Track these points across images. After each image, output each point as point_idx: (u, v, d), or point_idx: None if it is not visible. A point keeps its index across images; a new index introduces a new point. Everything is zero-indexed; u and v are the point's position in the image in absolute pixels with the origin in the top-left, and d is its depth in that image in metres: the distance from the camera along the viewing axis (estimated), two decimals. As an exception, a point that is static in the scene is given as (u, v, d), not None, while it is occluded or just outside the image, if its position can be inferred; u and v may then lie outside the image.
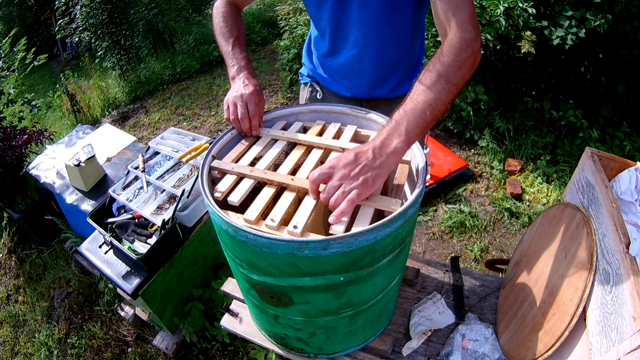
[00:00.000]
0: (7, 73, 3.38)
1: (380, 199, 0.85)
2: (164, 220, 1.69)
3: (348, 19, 1.16)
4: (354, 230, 0.78)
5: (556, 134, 3.05)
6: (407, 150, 0.83)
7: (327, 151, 1.04)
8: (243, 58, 1.10)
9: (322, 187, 0.84)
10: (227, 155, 1.03)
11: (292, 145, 1.08)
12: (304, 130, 1.13)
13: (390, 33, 1.17)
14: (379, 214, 1.22)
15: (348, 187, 0.79)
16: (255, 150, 1.05)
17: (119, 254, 1.77)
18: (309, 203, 0.85)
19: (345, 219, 0.80)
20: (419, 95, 0.84)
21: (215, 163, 1.00)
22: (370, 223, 0.80)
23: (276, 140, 1.08)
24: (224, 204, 1.14)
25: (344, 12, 1.15)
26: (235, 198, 0.90)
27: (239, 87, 1.05)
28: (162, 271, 1.76)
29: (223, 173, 0.98)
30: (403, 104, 0.85)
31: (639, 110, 2.98)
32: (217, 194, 0.92)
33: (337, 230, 0.78)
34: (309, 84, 1.45)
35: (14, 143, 2.61)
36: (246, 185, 0.94)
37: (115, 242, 1.68)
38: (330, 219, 0.78)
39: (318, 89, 1.43)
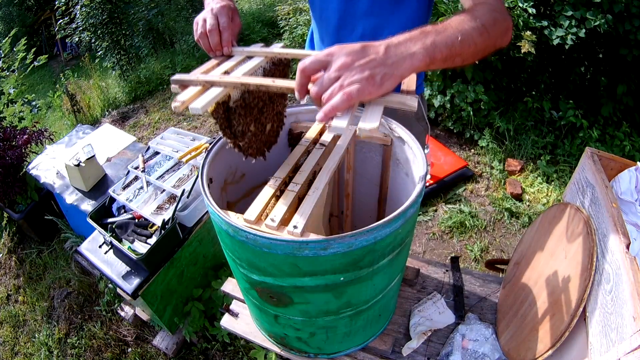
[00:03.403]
0: (7, 73, 3.38)
1: (391, 95, 0.68)
2: (164, 220, 1.69)
3: (357, 8, 1.12)
4: (361, 130, 0.65)
5: (556, 134, 3.05)
6: (426, 66, 0.67)
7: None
8: None
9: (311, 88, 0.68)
10: (192, 72, 0.85)
11: (271, 64, 0.91)
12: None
13: (400, 26, 1.14)
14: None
15: (348, 79, 0.62)
16: (227, 65, 0.88)
17: (119, 254, 1.77)
18: (309, 203, 0.84)
19: (342, 117, 0.63)
20: (452, 22, 0.73)
21: (177, 76, 0.82)
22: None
23: (252, 57, 0.93)
24: (224, 204, 1.14)
25: (353, 2, 1.12)
26: (198, 105, 0.73)
27: (210, 5, 0.92)
28: (162, 271, 1.76)
29: (185, 86, 0.80)
30: (433, 24, 0.72)
31: (639, 110, 2.98)
32: (175, 104, 0.73)
33: (338, 125, 0.62)
34: None
35: (14, 143, 2.61)
36: (215, 92, 0.77)
37: (115, 242, 1.68)
38: (318, 116, 0.62)
39: None
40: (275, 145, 1.10)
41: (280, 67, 0.96)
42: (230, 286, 1.36)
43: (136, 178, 1.92)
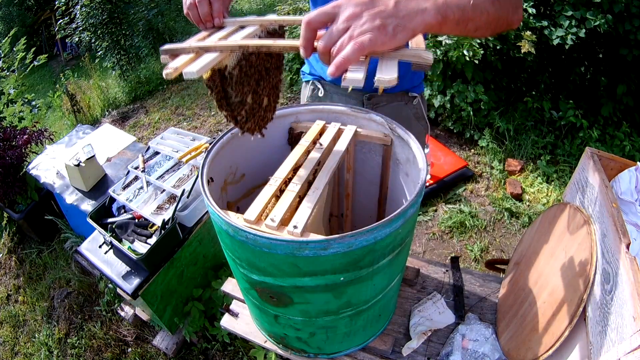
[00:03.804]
0: (7, 73, 3.38)
1: (404, 49, 0.64)
2: (164, 220, 1.69)
3: None
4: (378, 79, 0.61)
5: (556, 134, 3.05)
6: (438, 25, 0.64)
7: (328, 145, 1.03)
8: None
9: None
10: (183, 43, 0.78)
11: (266, 33, 0.86)
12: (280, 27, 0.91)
13: None
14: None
15: (358, 29, 0.58)
16: (218, 35, 0.81)
17: (119, 254, 1.77)
18: (309, 203, 0.84)
19: (356, 69, 0.60)
20: None
21: (167, 46, 0.76)
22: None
23: (244, 27, 0.86)
24: (224, 204, 1.14)
25: None
26: (194, 68, 0.69)
27: None
28: (162, 271, 1.76)
29: (176, 55, 0.75)
30: None
31: (639, 110, 2.99)
32: (167, 71, 0.69)
33: (354, 77, 0.59)
34: (310, 82, 1.45)
35: (14, 143, 2.61)
36: (210, 57, 0.72)
37: (115, 242, 1.68)
38: (329, 70, 0.59)
39: (320, 86, 1.42)
40: (275, 144, 1.10)
41: (276, 37, 0.90)
42: (230, 286, 1.36)
43: (136, 178, 1.92)
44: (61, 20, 5.47)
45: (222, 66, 0.76)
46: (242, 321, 1.29)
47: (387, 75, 0.60)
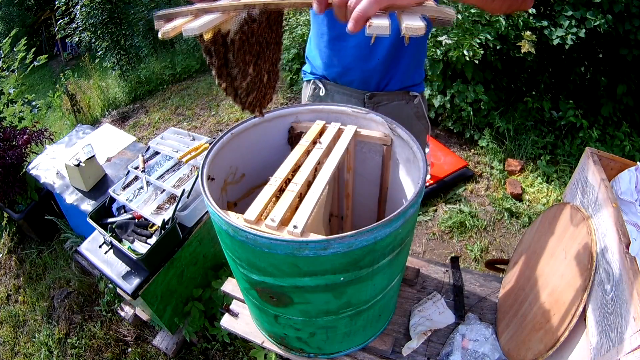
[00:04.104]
0: (7, 73, 3.38)
1: (426, 5, 0.62)
2: (164, 220, 1.69)
3: None
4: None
5: (556, 134, 3.05)
6: None
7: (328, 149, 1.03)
8: None
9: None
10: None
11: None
12: None
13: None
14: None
15: None
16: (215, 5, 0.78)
17: (119, 254, 1.77)
18: (309, 203, 0.84)
19: (381, 17, 0.58)
20: None
21: (162, 11, 0.71)
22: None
23: None
24: (224, 204, 1.14)
25: None
26: (196, 24, 0.65)
27: None
28: (162, 271, 1.76)
29: (172, 19, 0.70)
30: None
31: (639, 110, 2.99)
32: (164, 29, 0.65)
33: (381, 24, 0.57)
34: (311, 81, 1.44)
35: (14, 143, 2.61)
36: (211, 16, 0.69)
37: (115, 242, 1.68)
38: (349, 26, 0.58)
39: (321, 86, 1.42)
40: (275, 144, 1.10)
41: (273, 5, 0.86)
42: (230, 286, 1.36)
43: (136, 178, 1.92)
44: (61, 20, 5.47)
45: (225, 31, 0.72)
46: (242, 321, 1.29)
47: (414, 23, 0.57)
